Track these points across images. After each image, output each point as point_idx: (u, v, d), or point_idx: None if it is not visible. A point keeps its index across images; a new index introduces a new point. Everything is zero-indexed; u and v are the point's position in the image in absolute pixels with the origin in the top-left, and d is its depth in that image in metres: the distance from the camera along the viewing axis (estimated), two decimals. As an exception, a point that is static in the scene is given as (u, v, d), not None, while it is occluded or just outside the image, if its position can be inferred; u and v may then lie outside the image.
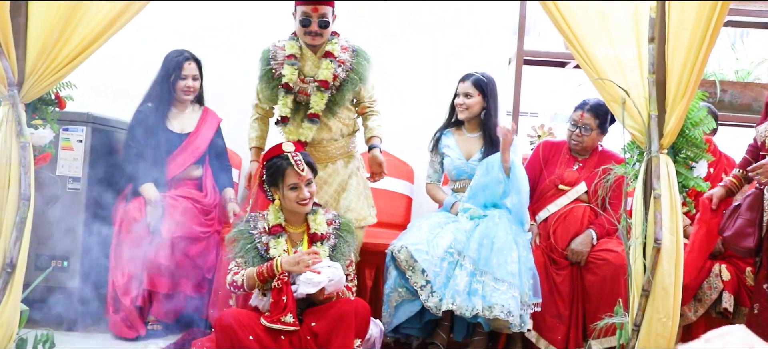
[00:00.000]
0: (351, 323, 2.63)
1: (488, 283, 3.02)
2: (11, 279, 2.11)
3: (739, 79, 3.78)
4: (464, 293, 3.03)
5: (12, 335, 2.15)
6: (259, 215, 2.90)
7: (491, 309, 2.95)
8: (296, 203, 2.78)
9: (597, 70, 2.23)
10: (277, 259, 2.68)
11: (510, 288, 2.99)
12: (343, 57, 3.22)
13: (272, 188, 2.84)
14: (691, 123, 2.22)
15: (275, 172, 2.80)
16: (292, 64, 3.17)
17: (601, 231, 3.29)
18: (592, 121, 3.37)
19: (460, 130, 3.53)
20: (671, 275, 2.08)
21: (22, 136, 2.17)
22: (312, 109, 3.16)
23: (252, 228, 2.85)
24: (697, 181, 2.21)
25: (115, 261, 3.33)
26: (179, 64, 3.56)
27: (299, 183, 2.77)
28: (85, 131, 3.43)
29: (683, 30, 2.12)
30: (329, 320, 2.64)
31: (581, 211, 3.36)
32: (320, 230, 2.85)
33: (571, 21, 2.25)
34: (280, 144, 2.87)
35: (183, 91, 3.58)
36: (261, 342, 2.56)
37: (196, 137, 3.60)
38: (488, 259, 3.05)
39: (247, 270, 2.73)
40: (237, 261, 2.80)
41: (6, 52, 2.14)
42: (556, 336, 3.20)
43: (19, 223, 2.13)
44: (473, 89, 3.39)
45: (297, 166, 2.76)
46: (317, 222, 2.87)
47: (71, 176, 3.42)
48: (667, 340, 2.08)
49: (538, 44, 4.16)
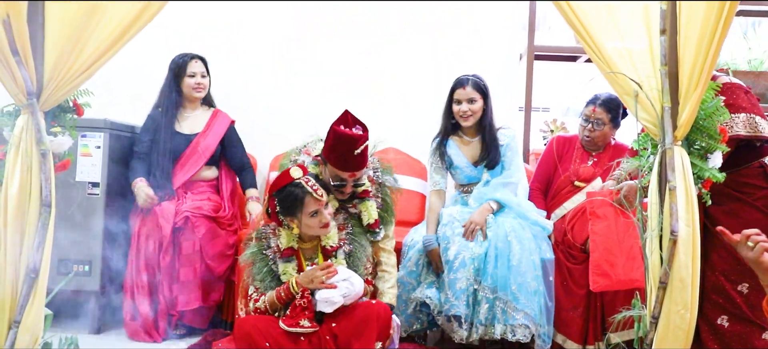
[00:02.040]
0: (373, 327, 2.58)
1: (509, 306, 3.03)
2: (35, 284, 2.13)
3: (752, 69, 3.74)
4: (487, 320, 3.04)
5: (37, 338, 2.17)
6: (269, 230, 2.75)
7: (514, 331, 3.00)
8: (320, 228, 2.65)
9: (608, 64, 2.21)
10: (291, 279, 2.62)
11: (527, 318, 3.01)
12: (373, 191, 2.90)
13: (288, 218, 2.65)
14: (705, 113, 2.19)
15: (292, 202, 2.60)
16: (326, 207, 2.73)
17: None
18: (605, 115, 3.33)
19: (461, 136, 3.39)
20: (688, 266, 2.05)
21: (42, 143, 2.18)
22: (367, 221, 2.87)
23: (265, 248, 2.73)
24: (712, 172, 2.18)
25: (132, 270, 3.35)
26: (184, 63, 3.58)
27: (320, 208, 2.62)
28: (102, 137, 3.46)
29: (694, 21, 2.09)
30: (351, 322, 2.59)
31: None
32: (331, 243, 2.74)
33: (581, 15, 2.23)
34: (286, 171, 2.65)
35: (193, 89, 3.59)
36: (279, 346, 2.55)
37: (205, 137, 3.60)
38: (506, 281, 3.03)
39: (266, 295, 2.67)
40: (255, 287, 2.70)
41: (24, 62, 2.16)
42: (572, 330, 3.17)
43: (41, 229, 2.15)
44: (476, 93, 3.25)
45: (315, 193, 2.59)
46: (328, 236, 2.73)
47: (90, 182, 3.45)
48: (686, 332, 2.06)
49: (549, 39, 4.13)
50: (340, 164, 2.70)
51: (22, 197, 2.15)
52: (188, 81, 3.59)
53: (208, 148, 3.59)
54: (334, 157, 2.69)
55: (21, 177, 2.15)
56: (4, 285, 2.12)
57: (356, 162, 2.69)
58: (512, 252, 3.04)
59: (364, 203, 2.85)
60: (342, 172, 2.71)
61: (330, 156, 2.71)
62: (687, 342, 2.07)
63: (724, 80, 2.63)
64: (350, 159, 2.67)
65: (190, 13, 4.25)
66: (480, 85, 3.27)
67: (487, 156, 3.29)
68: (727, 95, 2.51)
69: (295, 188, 2.59)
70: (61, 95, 2.26)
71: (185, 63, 3.59)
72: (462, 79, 3.29)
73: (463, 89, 3.26)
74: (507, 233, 3.08)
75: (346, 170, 2.71)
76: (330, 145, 2.70)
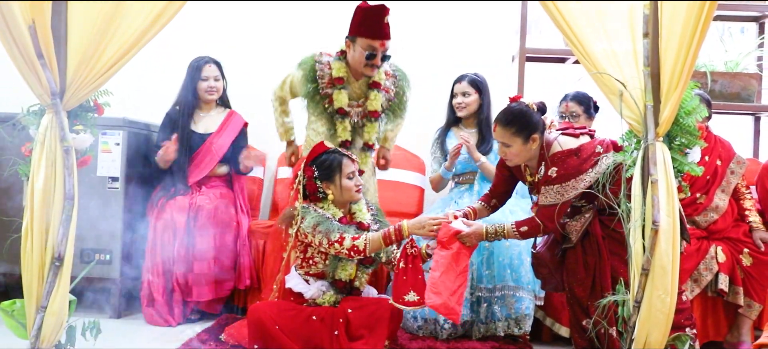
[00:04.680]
0: (385, 326, 2.60)
1: (507, 297, 3.06)
2: (60, 272, 2.14)
3: (728, 70, 3.75)
4: (487, 319, 3.09)
5: (62, 322, 2.18)
6: (309, 206, 2.71)
7: (518, 323, 3.06)
8: (355, 191, 2.73)
9: (595, 65, 2.22)
10: (403, 222, 2.59)
11: (528, 293, 3.06)
12: (387, 84, 3.12)
13: (325, 183, 2.71)
14: (685, 112, 2.20)
15: (330, 166, 2.69)
16: (344, 88, 3.02)
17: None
18: (578, 108, 3.40)
19: (460, 127, 3.54)
20: (669, 254, 2.06)
21: (65, 141, 2.19)
22: (366, 139, 3.10)
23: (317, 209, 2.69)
24: (691, 166, 2.19)
25: (148, 260, 3.37)
26: (200, 67, 3.60)
27: (355, 170, 2.75)
28: (121, 135, 3.47)
29: (675, 25, 2.10)
30: (365, 313, 2.60)
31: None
32: (366, 219, 2.79)
33: (570, 19, 2.24)
34: (321, 142, 2.79)
35: (206, 91, 3.61)
36: (290, 329, 2.57)
37: (219, 137, 3.61)
38: (502, 274, 3.07)
39: (368, 235, 2.57)
40: (339, 231, 2.59)
41: (49, 64, 2.17)
42: (562, 315, 3.19)
43: (65, 221, 2.16)
44: (470, 88, 3.44)
45: (350, 157, 2.75)
46: (362, 211, 2.82)
47: (110, 176, 3.46)
48: (666, 315, 2.07)
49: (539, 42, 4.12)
50: (372, 33, 2.89)
51: (47, 190, 2.16)
52: (202, 84, 3.60)
53: (221, 147, 3.60)
54: (365, 28, 2.90)
55: (46, 172, 2.16)
56: (31, 272, 2.14)
57: (386, 31, 2.91)
58: (503, 248, 3.08)
59: (373, 91, 3.05)
60: (374, 41, 2.90)
61: (360, 30, 2.91)
62: (667, 325, 2.09)
63: (555, 151, 2.54)
64: (380, 27, 2.88)
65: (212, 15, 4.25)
66: (476, 81, 3.45)
67: (483, 143, 3.41)
68: (558, 165, 2.50)
69: (332, 154, 2.72)
70: (84, 95, 2.27)
71: (200, 66, 3.60)
72: (461, 75, 3.50)
73: (459, 84, 3.48)
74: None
75: (377, 39, 2.90)
76: (359, 20, 2.91)
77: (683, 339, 2.16)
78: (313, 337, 2.56)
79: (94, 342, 2.36)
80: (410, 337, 3.11)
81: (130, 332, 3.22)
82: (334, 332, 2.56)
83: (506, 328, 3.07)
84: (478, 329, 3.10)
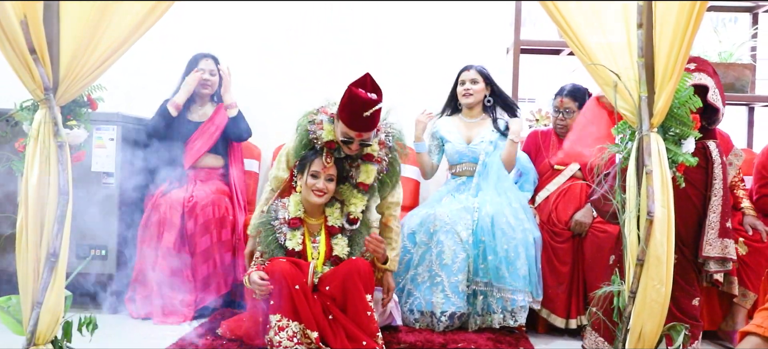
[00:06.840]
0: (357, 281, 2.66)
1: (503, 289, 3.08)
2: (55, 267, 2.13)
3: (722, 60, 3.75)
4: (483, 311, 3.13)
5: (58, 318, 2.18)
6: (279, 204, 2.87)
7: (514, 315, 3.08)
8: (312, 191, 2.77)
9: (590, 56, 2.21)
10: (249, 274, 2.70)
11: (524, 294, 3.08)
12: (380, 155, 2.93)
13: (299, 174, 2.84)
14: (679, 102, 2.20)
15: (304, 159, 2.83)
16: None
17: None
18: (572, 103, 3.43)
19: (460, 116, 3.54)
20: (663, 244, 2.07)
21: (59, 136, 2.17)
22: (351, 213, 2.89)
23: (273, 219, 2.83)
24: (685, 156, 2.19)
25: (142, 255, 3.36)
26: (196, 61, 3.64)
27: (321, 173, 2.76)
28: (115, 130, 3.45)
29: (669, 16, 2.10)
30: (338, 280, 2.68)
31: (579, 188, 3.37)
32: (337, 224, 2.85)
33: (565, 11, 2.24)
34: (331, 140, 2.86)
35: (201, 84, 3.62)
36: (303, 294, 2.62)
37: (211, 124, 3.64)
38: (498, 270, 3.08)
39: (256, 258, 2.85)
40: (261, 251, 2.83)
41: (41, 59, 2.15)
42: (556, 305, 3.20)
43: (59, 217, 2.15)
44: (479, 76, 3.45)
45: (325, 160, 2.78)
46: (334, 216, 2.85)
47: (105, 172, 3.45)
48: (661, 305, 2.08)
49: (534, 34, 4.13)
50: (349, 122, 2.71)
51: (42, 186, 2.15)
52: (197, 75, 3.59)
53: (213, 135, 3.62)
54: (345, 115, 2.71)
55: (40, 168, 2.15)
56: (26, 269, 2.13)
57: (364, 123, 2.69)
58: (498, 243, 3.08)
59: (366, 164, 2.90)
60: (350, 131, 2.73)
61: (341, 113, 2.74)
62: (662, 314, 2.10)
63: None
64: (358, 120, 2.68)
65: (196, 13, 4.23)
66: (483, 71, 3.48)
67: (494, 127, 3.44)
68: (697, 62, 2.64)
69: (314, 152, 2.82)
70: (77, 90, 2.25)
71: (197, 61, 3.65)
72: (469, 64, 3.52)
73: (467, 72, 3.49)
74: (492, 223, 3.11)
75: (353, 129, 2.72)
76: (343, 103, 2.72)
77: (678, 329, 2.17)
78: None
79: (90, 338, 2.35)
80: (407, 329, 3.12)
81: (126, 328, 3.21)
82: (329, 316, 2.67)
83: (502, 320, 3.08)
84: (474, 321, 3.12)
